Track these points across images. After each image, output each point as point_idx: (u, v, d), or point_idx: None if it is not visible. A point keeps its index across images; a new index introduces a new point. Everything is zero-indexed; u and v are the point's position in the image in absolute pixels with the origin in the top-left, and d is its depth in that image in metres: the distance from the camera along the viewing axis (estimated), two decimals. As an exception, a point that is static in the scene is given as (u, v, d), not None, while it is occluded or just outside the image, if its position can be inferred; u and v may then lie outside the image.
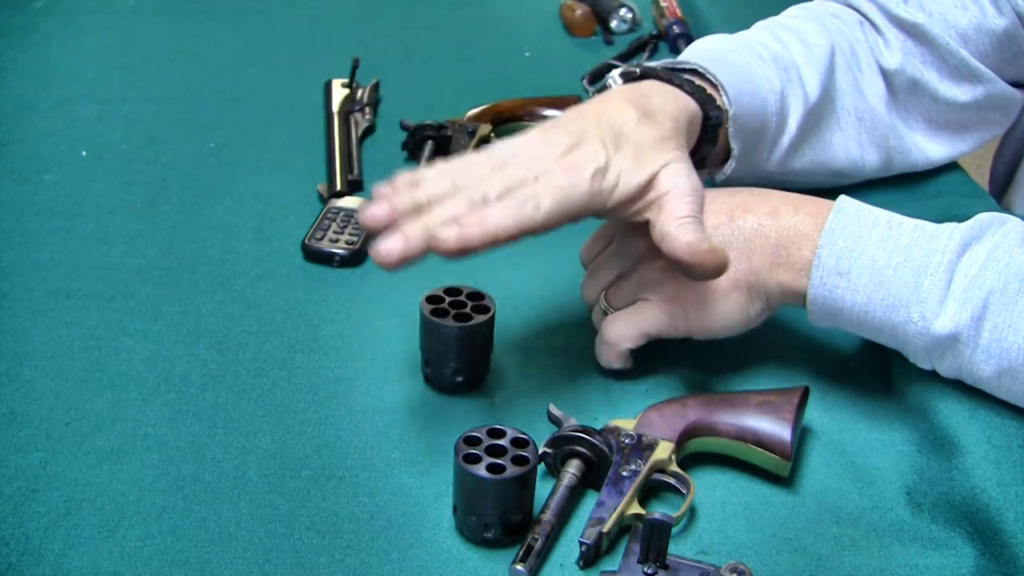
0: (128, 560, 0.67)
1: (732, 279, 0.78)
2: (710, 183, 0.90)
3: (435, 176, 0.73)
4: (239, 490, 0.73)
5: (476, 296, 0.80)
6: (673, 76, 0.83)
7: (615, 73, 0.86)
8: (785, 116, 0.90)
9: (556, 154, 0.73)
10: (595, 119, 0.76)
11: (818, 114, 0.93)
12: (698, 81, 0.84)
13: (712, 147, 0.85)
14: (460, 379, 0.80)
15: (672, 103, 0.80)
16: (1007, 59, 0.98)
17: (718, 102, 0.84)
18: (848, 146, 0.96)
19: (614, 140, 0.75)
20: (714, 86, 0.85)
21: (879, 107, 0.97)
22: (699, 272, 0.74)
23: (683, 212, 0.74)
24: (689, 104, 0.81)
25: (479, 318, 0.79)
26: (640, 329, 0.79)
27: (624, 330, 0.79)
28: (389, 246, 0.68)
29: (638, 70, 0.85)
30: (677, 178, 0.75)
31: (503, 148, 0.75)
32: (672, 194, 0.75)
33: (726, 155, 0.88)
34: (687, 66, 0.86)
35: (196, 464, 0.74)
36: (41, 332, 0.85)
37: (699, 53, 0.89)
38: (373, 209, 0.70)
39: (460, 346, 0.79)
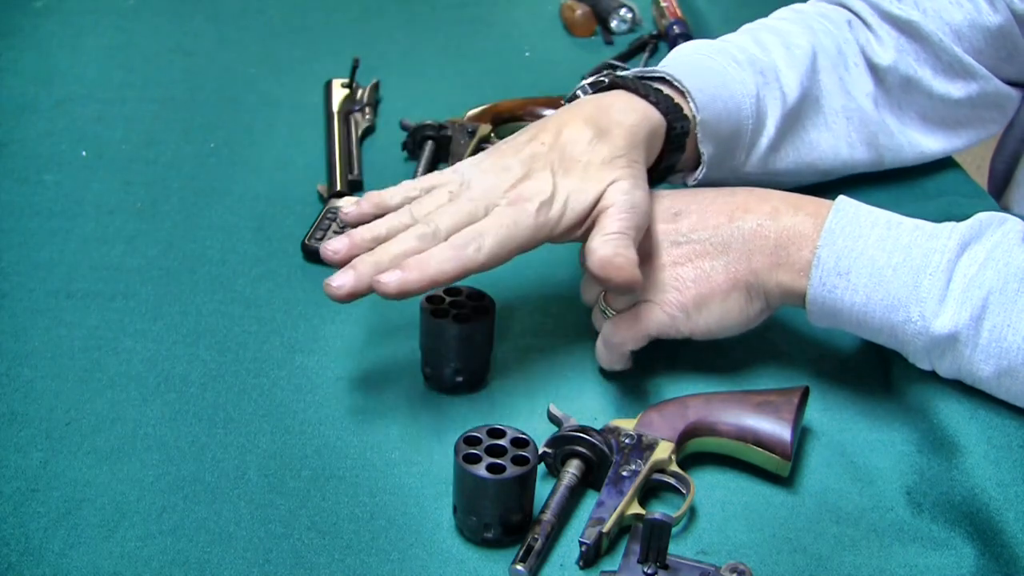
0: (128, 560, 0.67)
1: (732, 279, 0.78)
2: (683, 186, 0.91)
3: (398, 201, 0.80)
4: (239, 490, 0.73)
5: (476, 296, 0.80)
6: (640, 86, 0.84)
7: (585, 83, 0.89)
8: (762, 118, 0.91)
9: (506, 184, 0.77)
10: (550, 143, 0.79)
11: (799, 115, 0.94)
12: (666, 90, 0.85)
13: (679, 155, 0.86)
14: (460, 379, 0.80)
15: (632, 116, 0.81)
16: (1002, 57, 0.98)
17: (685, 110, 0.85)
18: (837, 146, 0.96)
19: (563, 165, 0.78)
20: (682, 94, 0.86)
21: (867, 106, 0.97)
22: (609, 286, 0.76)
23: (611, 228, 0.75)
24: (652, 115, 0.82)
25: (479, 318, 0.79)
26: (642, 331, 0.79)
27: (627, 333, 0.79)
28: (340, 281, 0.74)
29: (606, 79, 0.86)
30: (618, 195, 0.77)
31: (464, 171, 0.80)
32: (608, 211, 0.76)
33: (698, 160, 0.88)
34: (656, 74, 0.87)
35: (196, 464, 0.74)
36: (41, 332, 0.85)
37: (675, 59, 0.91)
38: (334, 244, 0.76)
39: (460, 346, 0.79)
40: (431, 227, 0.76)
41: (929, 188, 1.02)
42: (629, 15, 1.35)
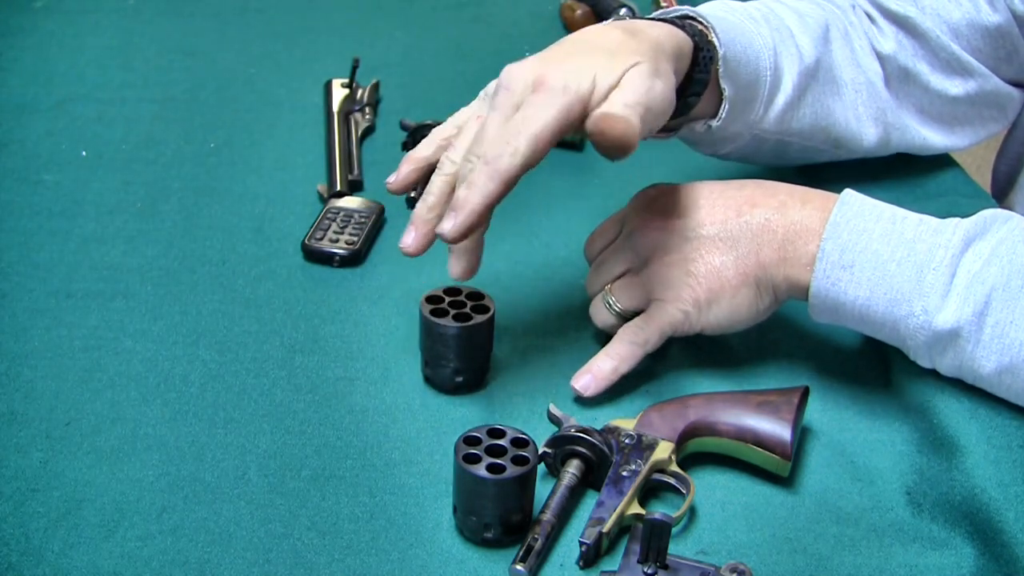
0: (128, 560, 0.67)
1: (742, 275, 0.78)
2: (700, 142, 0.90)
3: (433, 150, 0.80)
4: (239, 490, 0.73)
5: (476, 296, 0.80)
6: (665, 17, 0.84)
7: (604, 24, 0.85)
8: (780, 73, 0.90)
9: (531, 77, 0.74)
10: (574, 38, 0.78)
11: (815, 77, 0.93)
12: (691, 23, 0.84)
13: (705, 79, 0.84)
14: (460, 379, 0.80)
15: (659, 30, 0.79)
16: (1001, 57, 0.98)
17: (710, 38, 0.84)
18: (847, 115, 0.96)
19: (589, 50, 0.76)
20: (706, 27, 0.84)
21: (877, 82, 0.97)
22: (601, 141, 0.72)
23: (620, 99, 0.72)
24: (678, 33, 0.81)
25: (479, 318, 0.79)
26: (660, 331, 0.80)
27: (650, 334, 0.80)
28: (406, 241, 0.77)
29: (626, 18, 0.85)
30: (636, 77, 0.73)
31: (489, 87, 0.78)
32: (623, 85, 0.73)
33: (717, 107, 0.86)
34: (678, 14, 0.86)
35: (196, 464, 0.74)
36: (41, 332, 0.85)
37: (697, 8, 0.90)
38: (406, 239, 0.77)
39: (459, 346, 0.79)
40: (472, 162, 0.73)
41: (929, 188, 1.02)
42: (629, 15, 1.35)
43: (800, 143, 0.95)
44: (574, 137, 1.11)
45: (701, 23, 0.84)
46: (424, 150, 0.81)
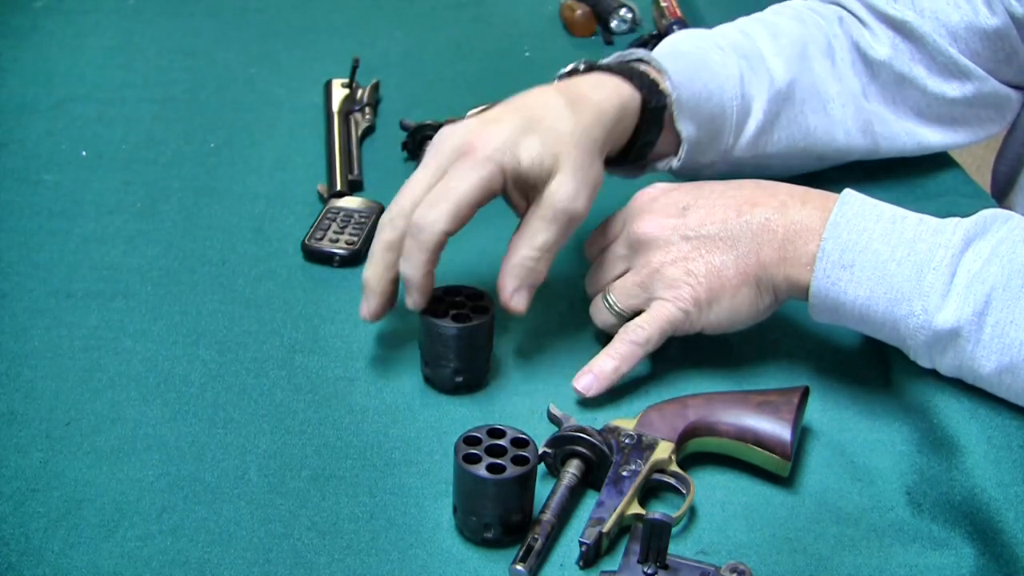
0: (128, 560, 0.67)
1: (742, 274, 0.78)
2: (668, 177, 0.91)
3: (386, 223, 0.80)
4: (239, 490, 0.73)
5: (476, 296, 0.80)
6: (615, 65, 0.85)
7: (560, 73, 0.89)
8: (748, 100, 0.91)
9: (461, 140, 0.78)
10: (515, 104, 0.81)
11: (790, 99, 0.94)
12: (643, 68, 0.86)
13: (657, 131, 0.86)
14: (460, 379, 0.80)
15: (602, 91, 0.82)
16: (1000, 59, 0.98)
17: (662, 87, 0.85)
18: (832, 131, 0.97)
19: (526, 121, 0.79)
20: (660, 72, 0.86)
21: (861, 95, 0.97)
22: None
23: (536, 241, 0.78)
24: (623, 90, 0.83)
25: (478, 319, 0.79)
26: (661, 330, 0.80)
27: (651, 333, 0.80)
28: (364, 311, 0.81)
29: (581, 67, 0.87)
30: (561, 194, 0.78)
31: (426, 157, 0.81)
32: (543, 209, 0.78)
33: (679, 144, 0.88)
34: (635, 57, 0.88)
35: (196, 464, 0.74)
36: (41, 332, 0.85)
37: (659, 46, 0.92)
38: (364, 310, 0.81)
39: (459, 346, 0.79)
40: (398, 227, 0.78)
41: (929, 188, 1.02)
42: (629, 15, 1.35)
43: (780, 163, 0.96)
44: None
45: (655, 66, 0.86)
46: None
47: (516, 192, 0.79)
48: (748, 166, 0.94)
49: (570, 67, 0.89)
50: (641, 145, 0.87)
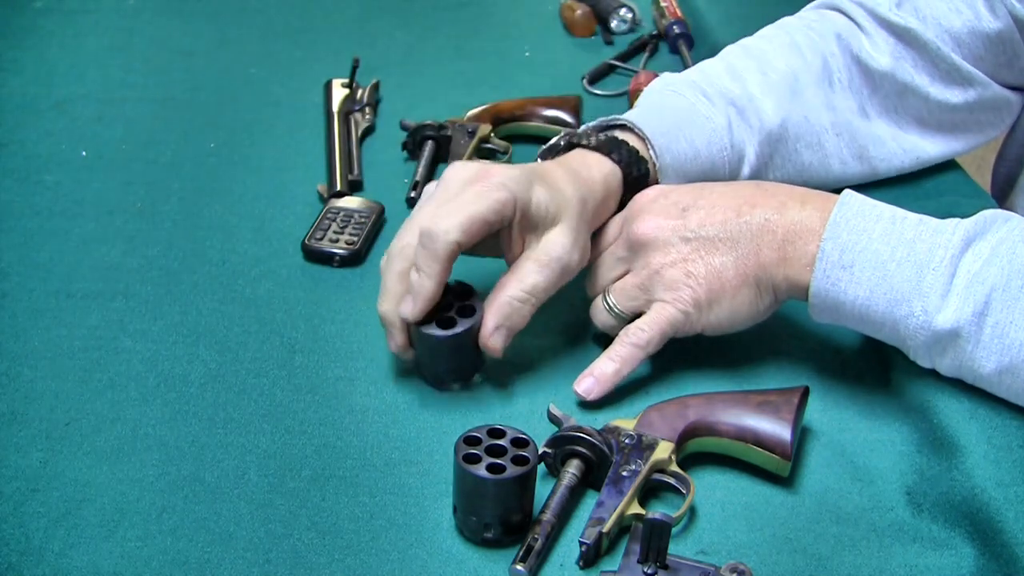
0: (128, 560, 0.67)
1: (742, 275, 0.78)
2: None
3: (396, 253, 0.79)
4: (239, 490, 0.73)
5: (463, 294, 0.80)
6: (596, 140, 0.86)
7: (542, 149, 0.91)
8: (739, 149, 0.92)
9: (472, 174, 0.78)
10: (522, 166, 0.82)
11: (783, 139, 0.94)
12: (627, 137, 0.87)
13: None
14: (455, 382, 0.80)
15: (587, 170, 0.84)
16: (1002, 62, 0.98)
17: (643, 155, 0.87)
18: (827, 164, 0.97)
19: (533, 174, 0.80)
20: (642, 140, 0.87)
21: (854, 120, 0.97)
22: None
23: (526, 281, 0.78)
24: (605, 166, 0.85)
25: (465, 322, 0.78)
26: (661, 332, 0.80)
27: (652, 335, 0.80)
28: (392, 346, 0.81)
29: (562, 142, 0.88)
30: (556, 245, 0.79)
31: (435, 190, 0.80)
32: (539, 255, 0.78)
33: None
34: (618, 122, 0.89)
35: (196, 464, 0.74)
36: (41, 332, 0.85)
37: (644, 99, 0.94)
38: (392, 345, 0.81)
39: (450, 352, 0.79)
40: (402, 244, 0.78)
41: (929, 188, 1.02)
42: (629, 15, 1.35)
43: None
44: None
45: (638, 134, 0.87)
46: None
47: (518, 231, 0.79)
48: None
49: (552, 141, 0.90)
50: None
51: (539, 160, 0.89)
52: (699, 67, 0.97)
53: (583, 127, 0.91)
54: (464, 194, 0.77)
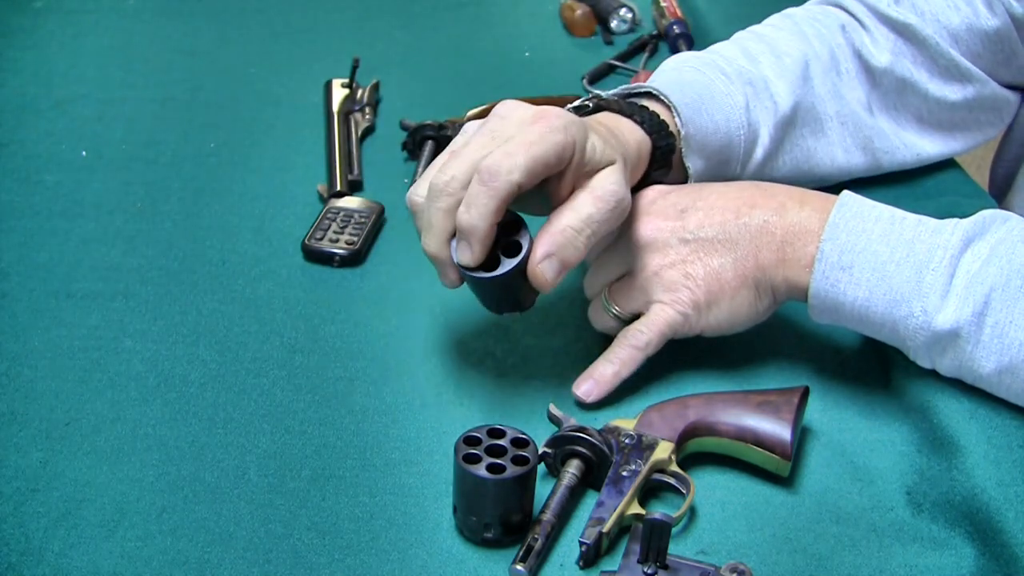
0: (128, 560, 0.67)
1: (741, 276, 0.78)
2: None
3: (441, 188, 0.74)
4: (239, 490, 0.73)
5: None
6: (624, 105, 0.84)
7: (569, 107, 0.86)
8: (755, 129, 0.91)
9: (528, 113, 0.74)
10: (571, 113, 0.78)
11: (794, 123, 0.94)
12: (652, 105, 0.86)
13: (665, 172, 0.86)
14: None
15: (621, 135, 0.81)
16: (1000, 60, 0.98)
17: (670, 126, 0.85)
18: (832, 152, 0.96)
19: (583, 119, 0.77)
20: (668, 108, 0.86)
21: (862, 110, 0.97)
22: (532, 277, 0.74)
23: (582, 212, 0.73)
24: (636, 134, 0.82)
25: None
26: (660, 334, 0.80)
27: (651, 337, 0.80)
28: (445, 282, 0.77)
29: (590, 104, 0.86)
30: (608, 182, 0.75)
31: (487, 119, 0.76)
32: (593, 188, 0.74)
33: (687, 175, 0.88)
34: (643, 89, 0.87)
35: (196, 464, 0.74)
36: (41, 332, 0.85)
37: (663, 73, 0.92)
38: (445, 280, 0.76)
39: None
40: (447, 178, 0.73)
41: (929, 188, 1.02)
42: (629, 15, 1.35)
43: None
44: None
45: (664, 101, 0.86)
46: (422, 188, 0.77)
47: (571, 175, 0.74)
48: None
49: (578, 102, 0.87)
50: (649, 183, 0.86)
51: None
52: (712, 49, 0.97)
53: (606, 93, 0.87)
54: (526, 133, 0.72)
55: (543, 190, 0.75)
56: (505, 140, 0.72)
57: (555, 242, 0.73)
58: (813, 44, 0.96)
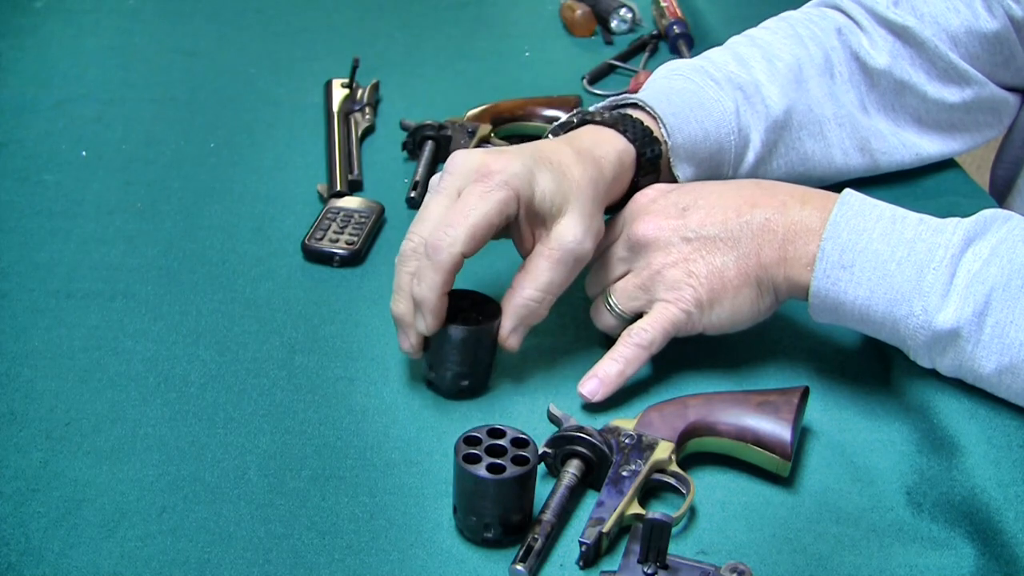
0: (128, 560, 0.67)
1: (743, 274, 0.78)
2: None
3: (409, 254, 0.78)
4: (239, 490, 0.73)
5: (482, 302, 0.80)
6: (609, 116, 0.85)
7: (554, 125, 0.90)
8: (745, 133, 0.91)
9: (476, 165, 0.78)
10: (529, 146, 0.81)
11: (787, 126, 0.94)
12: (639, 116, 0.86)
13: (654, 177, 0.87)
14: (464, 383, 0.80)
15: (601, 147, 0.83)
16: (999, 63, 0.98)
17: (656, 135, 0.86)
18: (830, 154, 0.97)
19: (536, 159, 0.79)
20: (654, 119, 0.87)
21: (856, 113, 0.97)
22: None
23: (539, 279, 0.78)
24: (619, 144, 0.83)
25: (485, 322, 0.79)
26: (664, 332, 0.80)
27: (655, 335, 0.80)
28: (405, 345, 0.80)
29: (575, 119, 0.88)
30: (567, 237, 0.78)
31: (440, 174, 0.80)
32: (551, 250, 0.78)
33: (675, 181, 0.88)
34: (629, 101, 0.88)
35: (196, 464, 0.74)
36: (41, 332, 0.85)
37: (652, 83, 0.93)
38: (405, 345, 0.80)
39: (465, 350, 0.78)
40: (414, 244, 0.78)
41: (929, 188, 1.02)
42: (629, 15, 1.35)
43: None
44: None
45: (649, 113, 0.87)
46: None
47: (525, 224, 0.79)
48: None
49: (564, 119, 0.89)
50: (639, 189, 0.86)
51: (549, 137, 0.88)
52: (704, 55, 0.97)
53: (594, 106, 0.90)
54: (469, 196, 0.76)
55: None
56: (448, 207, 0.77)
57: (519, 315, 0.79)
58: (808, 47, 0.96)
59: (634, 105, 0.88)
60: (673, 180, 0.88)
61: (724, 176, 0.92)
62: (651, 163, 0.85)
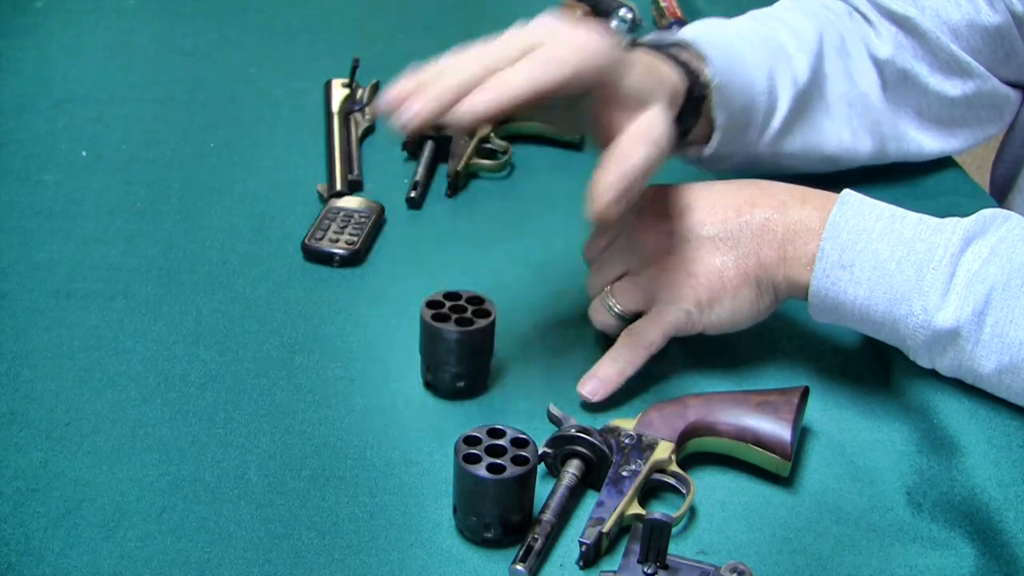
0: (128, 560, 0.67)
1: (743, 274, 0.78)
2: (696, 161, 0.90)
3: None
4: (239, 490, 0.73)
5: (476, 300, 0.80)
6: (661, 48, 0.83)
7: None
8: (775, 96, 0.90)
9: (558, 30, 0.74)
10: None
11: (808, 98, 0.93)
12: (684, 55, 0.84)
13: (695, 120, 0.85)
14: (461, 384, 0.80)
15: (657, 74, 0.80)
16: (1000, 58, 0.98)
17: (702, 76, 0.84)
18: (839, 132, 0.96)
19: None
20: (700, 59, 0.85)
21: (872, 93, 0.97)
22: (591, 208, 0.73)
23: (632, 158, 0.73)
24: (674, 77, 0.81)
25: (480, 322, 0.79)
26: (663, 332, 0.80)
27: (654, 336, 0.80)
28: (411, 111, 0.69)
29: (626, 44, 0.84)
30: (655, 122, 0.74)
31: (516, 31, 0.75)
32: (640, 129, 0.74)
33: (709, 132, 0.88)
34: (671, 41, 0.86)
35: (196, 464, 0.74)
36: (41, 332, 0.85)
37: (691, 29, 0.90)
38: (396, 88, 0.70)
39: (461, 351, 0.78)
40: (495, 56, 0.72)
41: (929, 187, 1.02)
42: (629, 15, 1.34)
43: (794, 164, 0.95)
44: (574, 137, 1.11)
45: (697, 51, 0.85)
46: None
47: (612, 108, 0.74)
48: (765, 164, 0.93)
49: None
50: (679, 132, 0.85)
51: None
52: (727, 21, 0.95)
53: (643, 37, 0.87)
54: (573, 34, 0.73)
55: (576, 108, 0.75)
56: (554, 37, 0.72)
57: (628, 179, 0.72)
58: (824, 26, 0.96)
59: (677, 46, 0.86)
60: (708, 127, 0.86)
61: (750, 139, 0.90)
62: (696, 102, 0.83)
